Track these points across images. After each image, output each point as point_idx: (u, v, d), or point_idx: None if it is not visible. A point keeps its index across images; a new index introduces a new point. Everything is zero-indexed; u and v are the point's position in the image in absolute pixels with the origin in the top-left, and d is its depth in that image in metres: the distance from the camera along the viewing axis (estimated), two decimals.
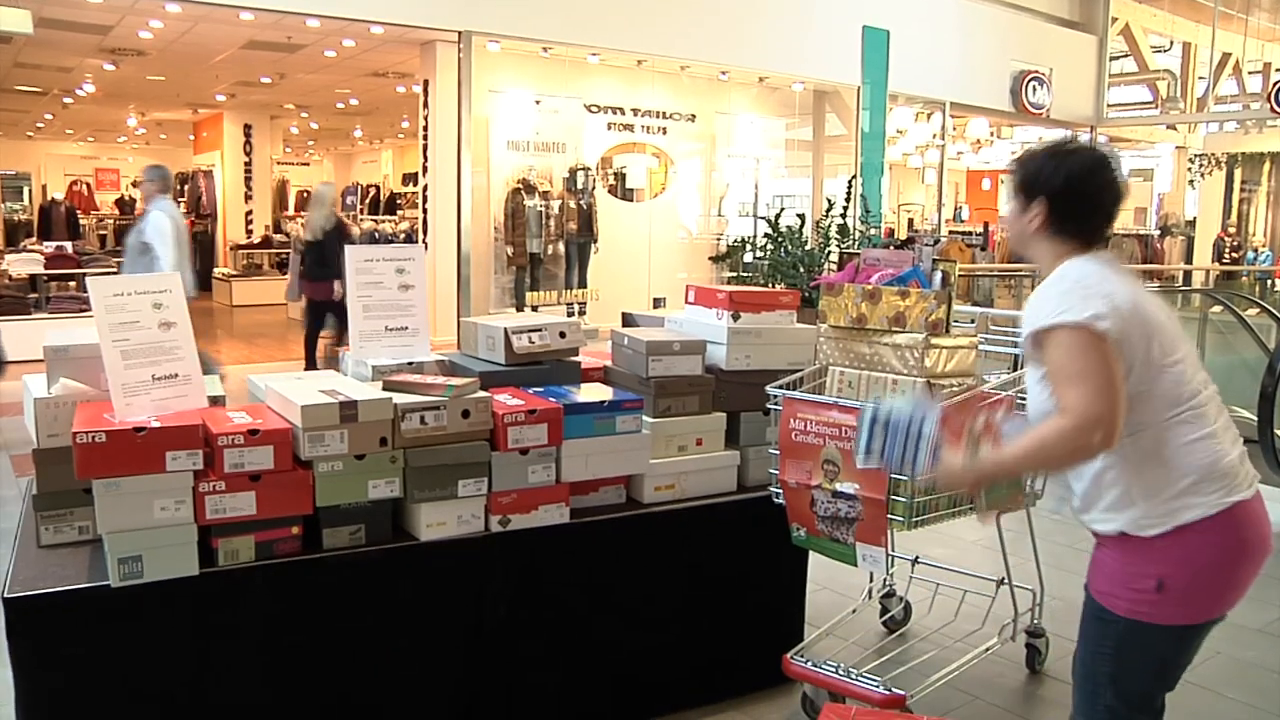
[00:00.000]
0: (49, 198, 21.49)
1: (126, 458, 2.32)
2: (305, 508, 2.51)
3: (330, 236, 8.34)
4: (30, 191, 24.82)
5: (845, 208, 9.52)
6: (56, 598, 2.34)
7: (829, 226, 9.47)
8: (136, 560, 2.35)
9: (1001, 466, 2.15)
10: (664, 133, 12.34)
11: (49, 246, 12.07)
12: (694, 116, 12.47)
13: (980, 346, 3.04)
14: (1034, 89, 14.63)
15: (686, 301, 3.56)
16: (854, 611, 3.74)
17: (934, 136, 14.87)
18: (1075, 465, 2.12)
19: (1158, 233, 18.32)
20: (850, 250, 9.08)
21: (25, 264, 11.16)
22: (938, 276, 2.96)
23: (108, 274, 11.39)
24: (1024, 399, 3.23)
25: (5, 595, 2.31)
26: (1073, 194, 2.15)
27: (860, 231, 9.69)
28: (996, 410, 2.42)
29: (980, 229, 17.15)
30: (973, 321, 3.38)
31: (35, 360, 2.83)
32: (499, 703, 2.89)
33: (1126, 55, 17.77)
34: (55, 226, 17.22)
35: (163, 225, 6.54)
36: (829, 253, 9.26)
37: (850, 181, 10.91)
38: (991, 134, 17.55)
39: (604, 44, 11.05)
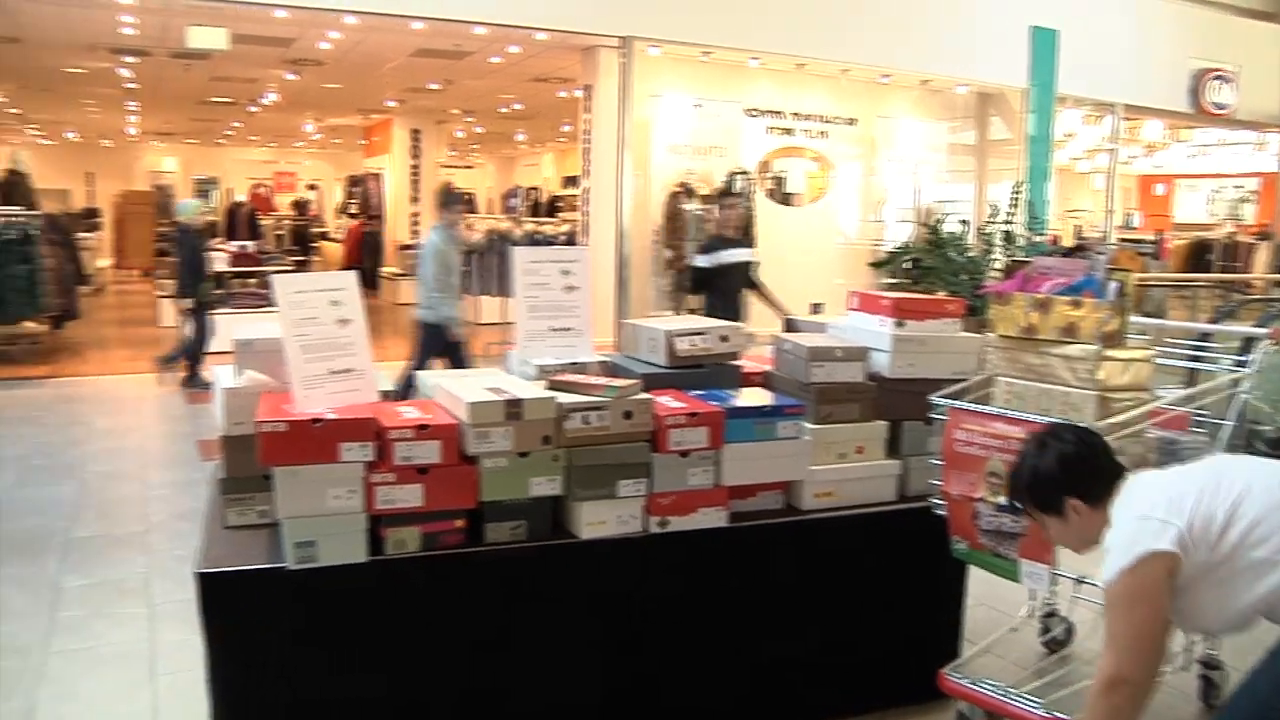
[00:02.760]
0: (234, 200, 22.80)
1: (304, 447, 2.44)
2: (469, 502, 2.59)
3: None
4: (218, 194, 26.38)
5: (1010, 214, 9.24)
6: (241, 575, 2.49)
7: (993, 233, 9.21)
8: (311, 545, 2.47)
9: None
10: (824, 136, 12.21)
11: (233, 245, 12.79)
12: (854, 120, 12.29)
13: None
14: (1216, 88, 13.84)
15: (849, 308, 3.52)
16: (1013, 630, 3.63)
17: (1104, 140, 14.26)
18: None
19: None
20: (1019, 259, 8.81)
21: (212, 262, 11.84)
22: (1113, 286, 2.85)
23: (284, 272, 11.98)
24: (1200, 416, 3.10)
25: (197, 570, 2.46)
26: (1077, 471, 2.32)
27: (1026, 239, 9.39)
28: None
29: (1153, 237, 16.37)
30: (1144, 334, 3.24)
31: (220, 352, 3.02)
32: (647, 701, 2.91)
33: None
34: (239, 227, 18.25)
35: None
36: (992, 260, 9.00)
37: (1015, 187, 10.59)
38: (1167, 136, 16.71)
39: (764, 48, 11.01)
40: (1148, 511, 2.18)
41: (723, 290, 7.19)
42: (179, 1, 9.50)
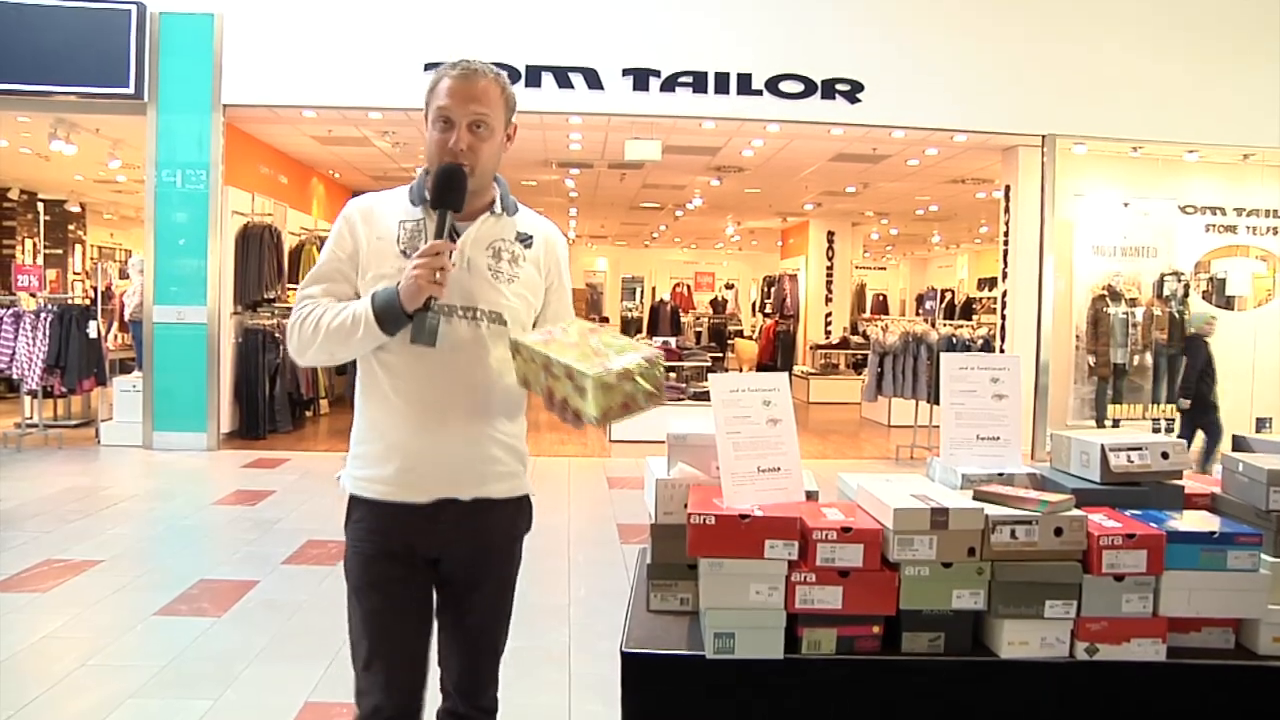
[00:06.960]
0: (657, 298, 24.48)
1: (731, 541, 2.52)
2: (888, 608, 2.55)
3: None
4: (642, 292, 28.48)
5: None
6: (662, 659, 2.59)
7: None
8: (730, 637, 2.54)
9: None
10: (1274, 233, 11.12)
11: (656, 341, 13.64)
12: None
13: None
14: None
15: None
16: None
17: None
18: None
19: None
20: None
21: None
22: None
23: (702, 368, 12.62)
24: None
25: (623, 650, 2.61)
26: None
27: None
28: None
29: None
30: None
31: (643, 441, 3.23)
32: None
33: None
34: (661, 323, 19.51)
35: None
36: None
37: None
38: None
39: (1203, 140, 10.26)
40: None
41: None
42: (619, 119, 10.47)
